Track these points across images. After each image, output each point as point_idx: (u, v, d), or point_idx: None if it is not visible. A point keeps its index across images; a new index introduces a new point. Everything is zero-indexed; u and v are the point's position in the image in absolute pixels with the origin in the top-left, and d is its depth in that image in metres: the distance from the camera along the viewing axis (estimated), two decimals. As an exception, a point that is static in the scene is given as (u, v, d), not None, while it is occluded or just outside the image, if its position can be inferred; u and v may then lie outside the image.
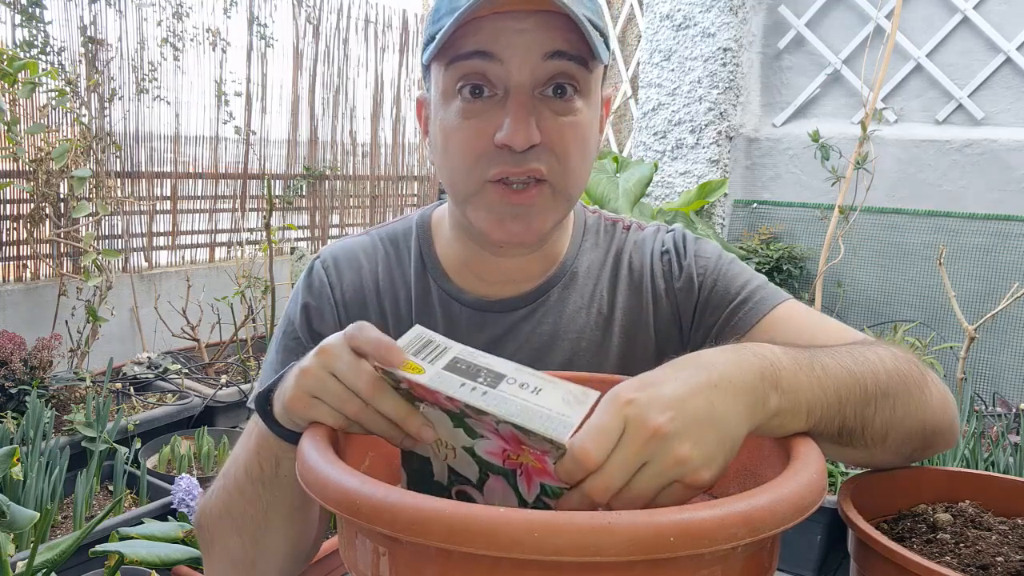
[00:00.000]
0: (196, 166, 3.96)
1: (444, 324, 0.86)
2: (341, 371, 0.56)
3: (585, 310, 0.87)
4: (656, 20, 3.73)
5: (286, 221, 4.30)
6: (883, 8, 3.32)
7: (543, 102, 0.73)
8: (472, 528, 0.40)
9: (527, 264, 0.86)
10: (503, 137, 0.71)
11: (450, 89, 0.74)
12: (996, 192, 3.10)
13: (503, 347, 0.85)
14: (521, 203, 0.75)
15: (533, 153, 0.72)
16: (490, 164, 0.73)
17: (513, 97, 0.71)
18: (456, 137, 0.74)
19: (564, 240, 0.88)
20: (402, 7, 4.97)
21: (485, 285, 0.86)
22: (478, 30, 0.70)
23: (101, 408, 2.33)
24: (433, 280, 0.87)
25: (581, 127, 0.75)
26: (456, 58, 0.72)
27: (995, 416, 2.63)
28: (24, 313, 3.04)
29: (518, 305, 0.86)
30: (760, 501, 0.43)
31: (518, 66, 0.71)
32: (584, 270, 0.88)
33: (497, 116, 0.72)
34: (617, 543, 0.40)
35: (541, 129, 0.72)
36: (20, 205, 3.12)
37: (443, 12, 0.72)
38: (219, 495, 0.76)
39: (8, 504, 1.01)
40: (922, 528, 0.64)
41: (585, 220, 0.92)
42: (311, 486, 0.49)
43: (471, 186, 0.75)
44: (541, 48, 0.70)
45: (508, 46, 0.70)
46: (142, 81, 3.58)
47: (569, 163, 0.75)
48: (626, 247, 0.90)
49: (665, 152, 3.74)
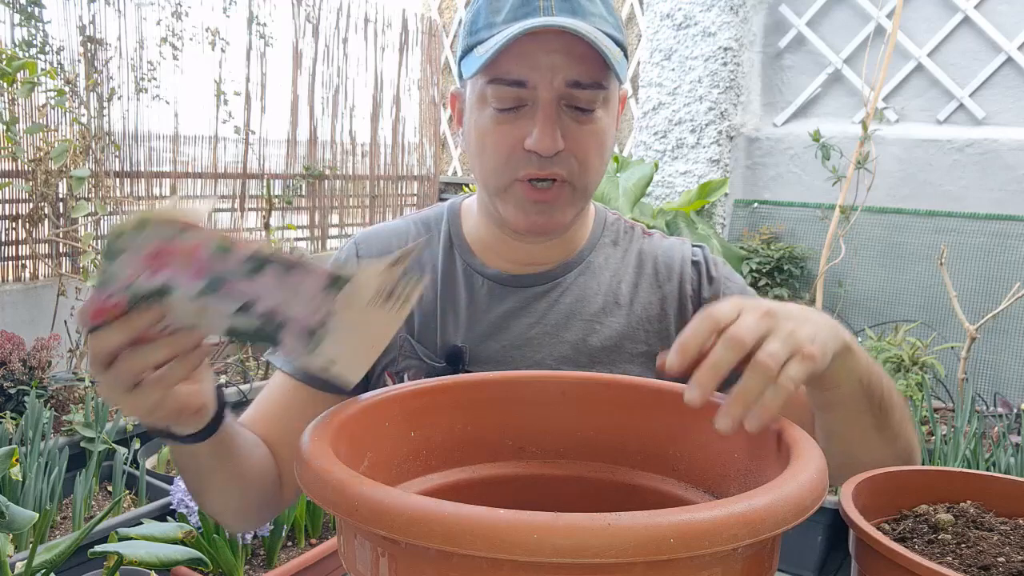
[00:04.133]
0: (195, 166, 3.96)
1: (466, 294, 0.93)
2: (103, 356, 0.57)
3: (601, 296, 0.93)
4: (656, 19, 3.73)
5: (285, 221, 4.30)
6: (884, 7, 3.32)
7: (567, 112, 0.83)
8: (472, 530, 0.40)
9: (547, 250, 0.94)
10: (532, 144, 0.81)
11: (486, 97, 0.84)
12: (997, 192, 3.10)
13: (520, 320, 0.92)
14: (544, 201, 0.85)
15: (557, 159, 0.83)
16: (519, 165, 0.83)
17: (541, 109, 0.81)
18: (490, 139, 0.84)
19: (583, 233, 0.97)
20: (402, 7, 4.97)
21: (507, 263, 0.94)
22: (513, 54, 0.80)
23: (100, 408, 2.33)
24: (459, 255, 0.95)
25: (600, 134, 0.85)
26: (496, 81, 0.82)
27: (996, 416, 2.63)
28: (23, 313, 3.04)
29: (536, 282, 0.93)
30: (760, 502, 0.43)
31: (545, 88, 0.81)
32: (601, 261, 0.96)
33: (527, 124, 0.82)
34: (617, 544, 0.39)
35: (565, 137, 0.82)
36: (19, 205, 3.12)
37: (480, 26, 0.83)
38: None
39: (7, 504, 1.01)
40: (923, 528, 0.64)
41: (605, 219, 1.00)
42: (309, 487, 0.49)
43: (502, 183, 0.85)
44: (564, 76, 0.81)
45: (537, 71, 0.81)
46: (141, 80, 3.57)
47: (588, 165, 0.85)
48: (651, 249, 0.98)
49: (665, 152, 3.74)
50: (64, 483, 2.09)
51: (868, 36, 3.34)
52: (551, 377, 0.72)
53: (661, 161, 3.73)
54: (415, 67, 5.12)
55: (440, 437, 0.68)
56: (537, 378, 0.72)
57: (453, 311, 0.92)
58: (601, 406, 0.69)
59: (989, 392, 3.01)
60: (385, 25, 4.85)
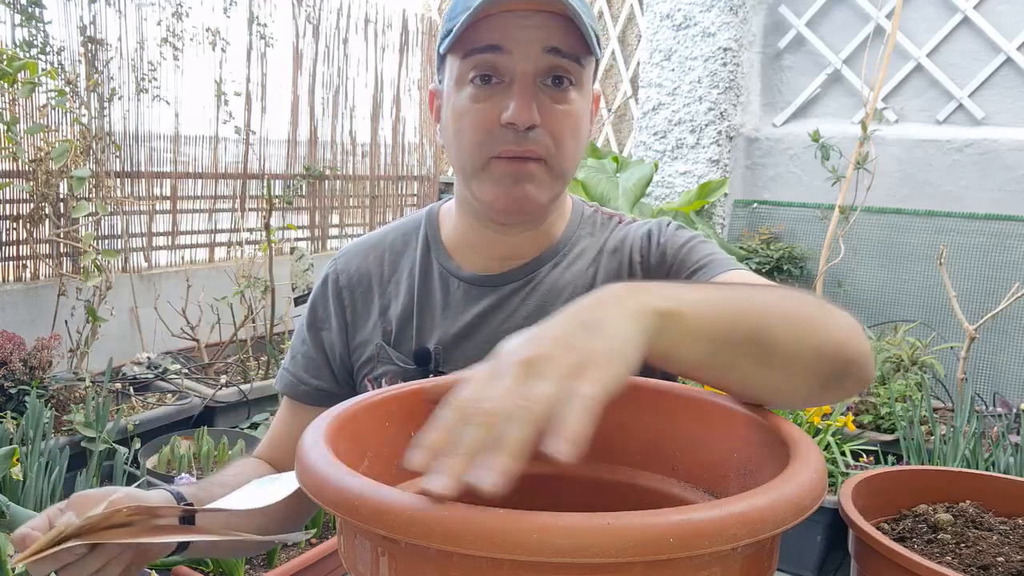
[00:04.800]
0: (196, 166, 3.96)
1: (441, 297, 0.94)
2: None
3: (572, 288, 0.93)
4: (656, 20, 3.73)
5: (286, 221, 4.30)
6: (883, 8, 3.32)
7: (543, 90, 0.83)
8: (472, 530, 0.40)
9: (523, 242, 0.94)
10: (508, 116, 0.82)
11: (464, 77, 0.84)
12: (996, 192, 3.10)
13: (494, 317, 0.92)
14: (521, 171, 0.84)
15: (533, 134, 0.83)
16: (496, 142, 0.84)
17: (518, 83, 0.82)
18: (467, 118, 0.85)
19: (560, 224, 0.97)
20: (402, 7, 4.96)
21: (483, 260, 0.95)
22: (490, 27, 0.81)
23: (101, 408, 2.33)
24: (435, 259, 0.97)
25: (574, 115, 0.86)
26: (471, 51, 0.83)
27: (995, 416, 2.63)
28: (23, 313, 3.04)
29: (510, 280, 0.94)
30: (760, 501, 0.43)
31: (522, 56, 0.82)
32: (577, 252, 0.95)
33: (504, 100, 0.82)
34: (616, 544, 0.39)
35: (541, 114, 0.83)
36: (19, 205, 3.12)
37: (459, 11, 0.83)
38: None
39: (8, 504, 1.01)
40: (923, 528, 0.64)
41: (583, 211, 1.00)
42: (309, 487, 0.49)
43: (478, 162, 0.85)
44: (541, 43, 0.82)
45: (514, 40, 0.81)
46: (142, 81, 3.57)
47: (563, 145, 0.85)
48: (627, 237, 0.96)
49: (665, 152, 3.74)
50: (65, 483, 2.09)
51: (868, 36, 3.34)
52: (551, 377, 0.72)
53: (661, 161, 3.73)
54: (415, 67, 5.12)
55: (440, 437, 0.68)
56: (537, 378, 0.71)
57: (429, 315, 0.94)
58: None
59: (988, 392, 3.01)
60: (385, 26, 4.85)
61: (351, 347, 0.97)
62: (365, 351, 0.96)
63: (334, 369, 0.98)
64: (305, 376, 0.99)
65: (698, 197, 3.49)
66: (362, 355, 0.96)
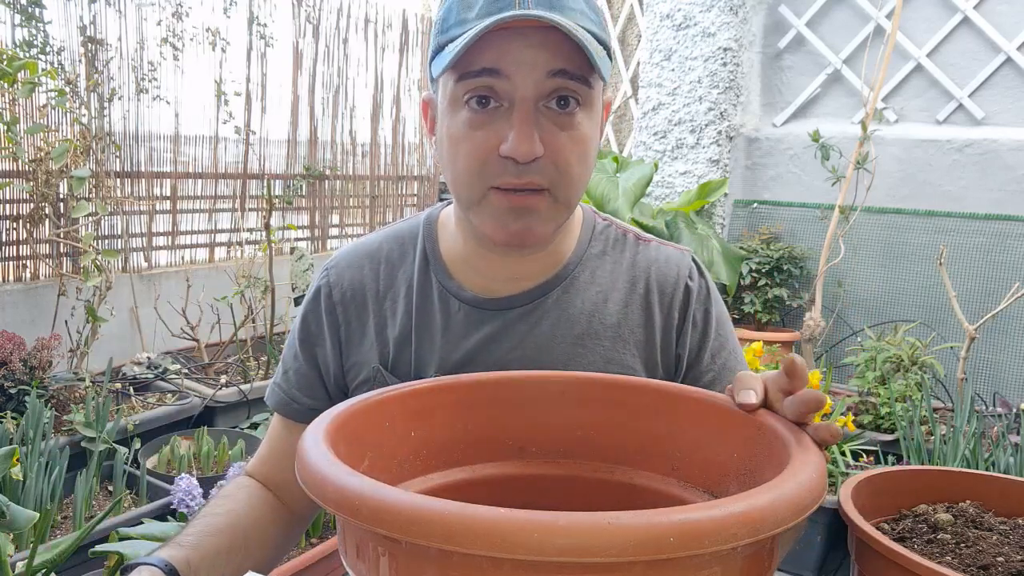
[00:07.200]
0: (196, 166, 3.96)
1: (441, 319, 0.87)
2: None
3: (586, 317, 0.86)
4: (656, 20, 3.73)
5: (286, 221, 4.30)
6: (883, 8, 3.32)
7: (546, 114, 0.75)
8: (472, 529, 0.40)
9: (529, 263, 0.87)
10: (508, 149, 0.73)
11: (458, 99, 0.76)
12: (996, 192, 3.10)
13: (498, 345, 0.86)
14: (523, 206, 0.77)
15: (535, 166, 0.75)
16: (494, 174, 0.76)
17: (518, 110, 0.74)
18: (463, 146, 0.76)
19: (569, 242, 0.89)
20: (402, 7, 4.97)
21: (486, 281, 0.87)
22: (487, 47, 0.72)
23: (101, 408, 2.33)
24: (435, 276, 0.89)
25: (582, 140, 0.77)
26: (466, 75, 0.74)
27: (995, 416, 2.63)
28: (23, 313, 3.04)
29: (516, 304, 0.86)
30: (760, 501, 0.43)
31: (523, 81, 0.73)
32: (587, 276, 0.88)
33: (502, 128, 0.74)
34: (617, 544, 0.39)
35: (544, 141, 0.74)
36: (19, 205, 3.12)
37: (452, 23, 0.74)
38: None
39: (8, 504, 1.01)
40: (923, 528, 0.64)
41: (594, 225, 0.92)
42: (310, 486, 0.49)
43: (476, 193, 0.78)
44: (546, 66, 0.73)
45: (514, 63, 0.73)
46: (142, 81, 3.57)
47: (570, 174, 0.77)
48: (645, 262, 0.90)
49: (665, 152, 3.74)
50: (65, 483, 2.09)
51: (867, 36, 3.34)
52: (551, 377, 0.72)
53: (661, 161, 3.73)
54: (415, 67, 5.11)
55: (441, 437, 0.68)
56: (537, 378, 0.72)
57: (428, 337, 0.87)
58: (601, 406, 0.69)
59: (988, 392, 3.01)
60: (385, 25, 4.85)
61: (345, 366, 0.92)
62: (361, 372, 0.90)
63: (328, 387, 0.93)
64: (298, 394, 0.94)
65: (698, 197, 3.49)
66: (357, 375, 0.91)
